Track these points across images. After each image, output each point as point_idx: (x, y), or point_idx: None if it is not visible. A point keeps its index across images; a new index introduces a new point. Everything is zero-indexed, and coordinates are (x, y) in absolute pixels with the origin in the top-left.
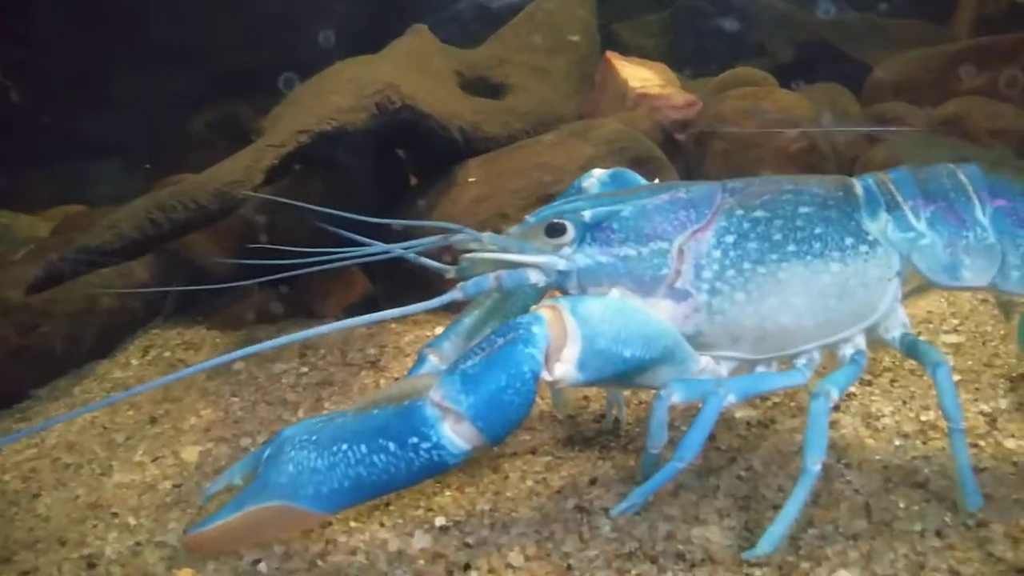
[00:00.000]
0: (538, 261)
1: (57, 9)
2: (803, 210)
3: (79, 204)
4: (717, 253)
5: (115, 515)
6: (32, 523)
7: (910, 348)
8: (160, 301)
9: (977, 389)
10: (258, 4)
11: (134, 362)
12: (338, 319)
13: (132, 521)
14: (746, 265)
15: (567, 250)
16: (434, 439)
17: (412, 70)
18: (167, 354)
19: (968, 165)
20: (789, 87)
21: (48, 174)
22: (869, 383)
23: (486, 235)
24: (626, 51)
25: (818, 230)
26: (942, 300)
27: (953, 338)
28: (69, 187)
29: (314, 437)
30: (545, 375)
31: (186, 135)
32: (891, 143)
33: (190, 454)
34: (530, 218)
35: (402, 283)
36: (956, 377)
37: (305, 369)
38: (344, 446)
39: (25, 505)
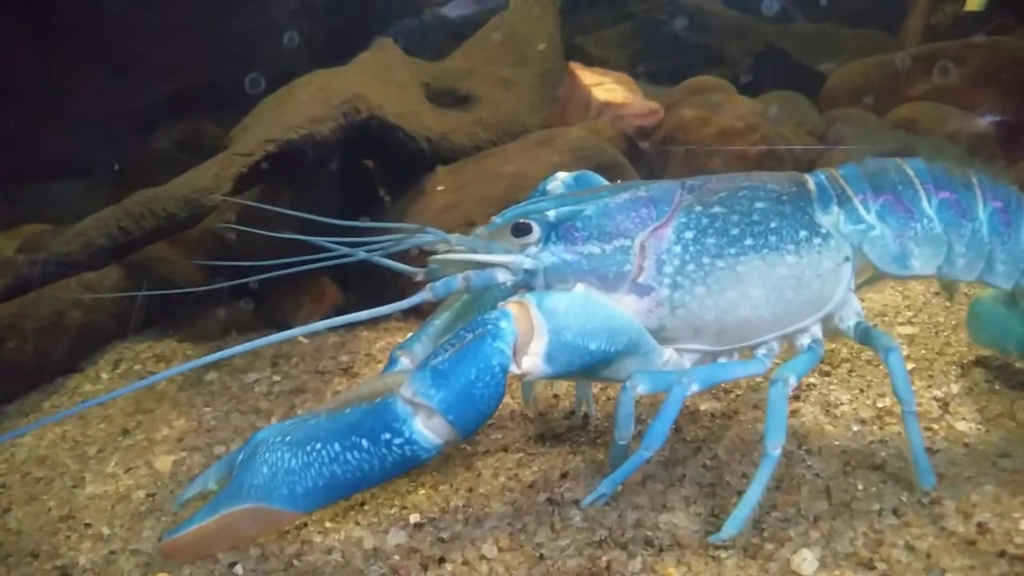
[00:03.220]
0: (505, 260)
1: (14, 24)
2: (759, 205)
3: (41, 224)
4: (677, 248)
5: (88, 526)
6: (3, 537)
7: (864, 335)
8: (129, 315)
9: (930, 376)
10: (222, 19)
11: (104, 376)
12: None
13: (106, 531)
14: (705, 259)
15: (533, 249)
16: (406, 434)
17: (379, 81)
18: (137, 367)
19: (914, 159)
20: (748, 95)
21: (5, 195)
22: (828, 373)
23: (454, 236)
24: (589, 62)
25: (773, 224)
26: (896, 293)
27: (908, 329)
28: (29, 207)
29: (287, 438)
30: (513, 368)
31: (150, 152)
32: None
33: (163, 464)
34: (496, 219)
35: (374, 292)
36: (911, 365)
37: (277, 378)
38: (317, 445)
39: None
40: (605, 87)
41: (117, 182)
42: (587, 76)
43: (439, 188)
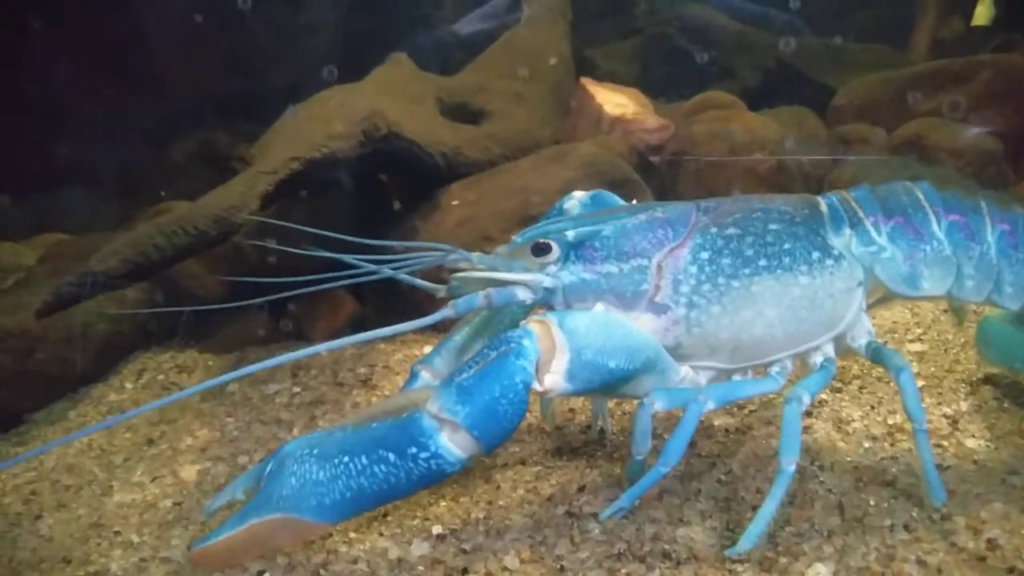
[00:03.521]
0: (525, 279)
1: (34, 36)
2: (773, 227)
3: (58, 232)
4: (693, 269)
5: (118, 533)
6: (36, 544)
7: (875, 354)
8: (153, 325)
9: (940, 393)
10: (238, 32)
11: (128, 385)
12: (327, 341)
13: (135, 538)
14: (721, 279)
15: (553, 268)
16: (432, 448)
17: (395, 97)
18: (160, 377)
19: (922, 183)
20: (757, 110)
21: (23, 204)
22: (839, 390)
23: (476, 255)
24: (600, 76)
25: (787, 245)
26: (906, 311)
27: (917, 346)
28: (45, 216)
29: (315, 450)
30: (536, 386)
31: (164, 163)
32: (853, 164)
33: (189, 473)
34: (516, 238)
35: (390, 304)
36: (920, 383)
37: (297, 389)
38: (345, 458)
39: (27, 527)
40: (616, 102)
41: (131, 192)
42: (598, 91)
43: (454, 203)
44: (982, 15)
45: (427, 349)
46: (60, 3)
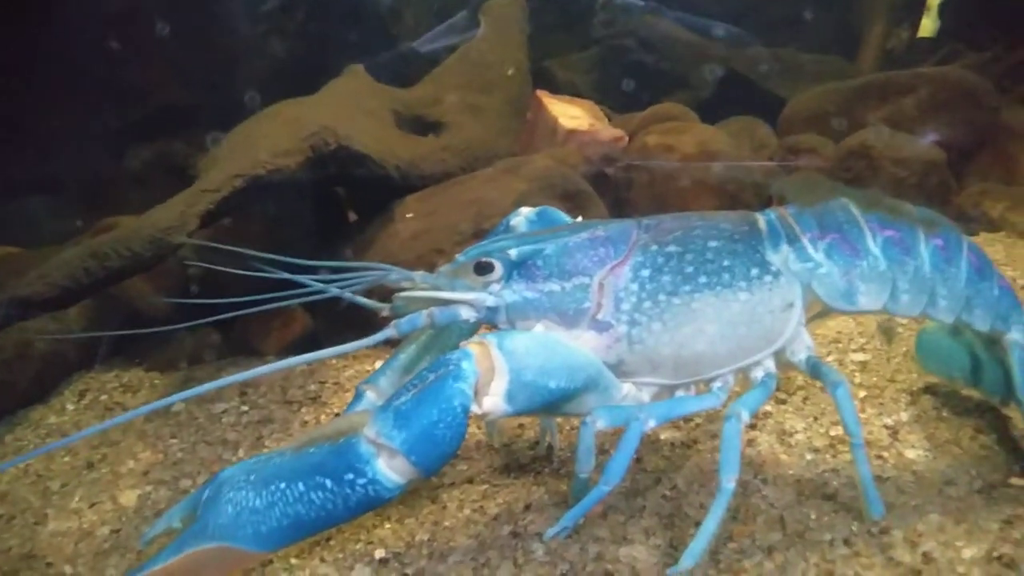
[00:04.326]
0: (468, 298)
1: None
2: (712, 244)
3: (9, 246)
4: (634, 286)
5: (50, 565)
6: None
7: (814, 369)
8: (95, 344)
9: (881, 404)
10: (194, 41)
11: (69, 407)
12: (279, 356)
13: (68, 570)
14: (661, 297)
15: (495, 287)
16: (369, 474)
17: (349, 110)
18: (104, 397)
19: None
20: (711, 120)
21: None
22: (784, 401)
23: (418, 274)
24: (557, 86)
25: (726, 262)
26: (850, 321)
27: (860, 356)
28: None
29: (252, 477)
30: (475, 408)
31: (121, 172)
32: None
33: (128, 498)
34: (460, 257)
35: (342, 319)
36: (863, 392)
37: (245, 408)
38: (282, 485)
39: None
40: (570, 115)
41: (89, 201)
42: (553, 104)
43: (408, 215)
44: (928, 27)
45: (378, 364)
46: (16, 12)
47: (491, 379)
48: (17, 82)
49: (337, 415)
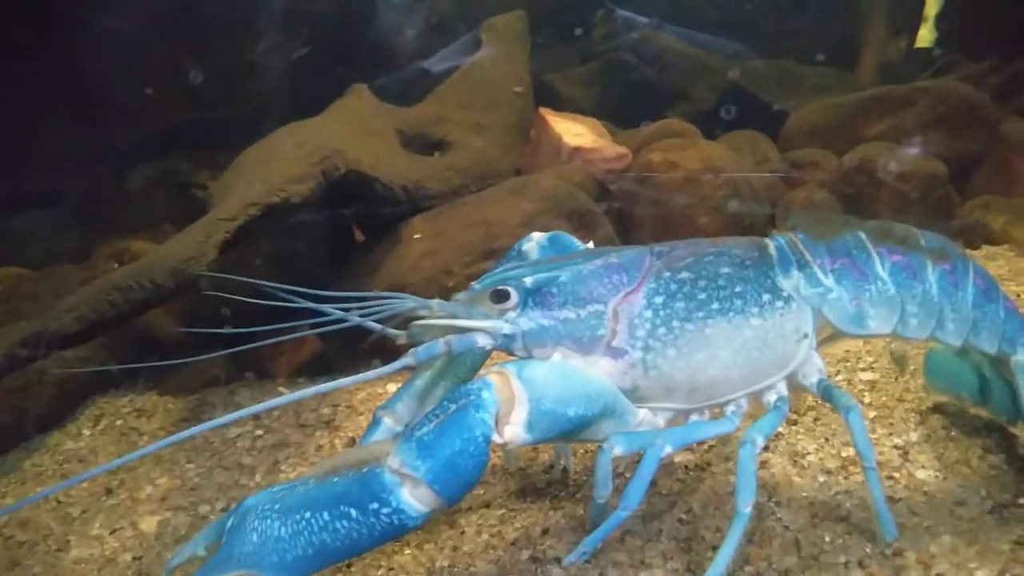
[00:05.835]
0: (485, 326)
1: None
2: (724, 270)
3: (15, 266)
4: (648, 313)
5: None
6: None
7: (825, 393)
8: (111, 368)
9: (891, 424)
10: (198, 59)
11: (86, 432)
12: (289, 378)
13: None
14: (675, 323)
15: (512, 315)
16: (394, 504)
17: (355, 131)
18: (119, 422)
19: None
20: (713, 133)
21: None
22: (795, 422)
23: (435, 302)
24: (559, 101)
25: (738, 288)
26: (859, 341)
27: (868, 375)
28: (3, 244)
29: (276, 506)
30: (496, 438)
31: (124, 190)
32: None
33: (148, 524)
34: (475, 285)
35: (352, 341)
36: (872, 413)
37: (260, 432)
38: (307, 514)
39: None
40: (574, 132)
41: (92, 217)
42: (557, 122)
43: (416, 236)
44: (925, 37)
45: (391, 387)
46: (19, 31)
47: (511, 408)
48: (18, 101)
49: (352, 439)
